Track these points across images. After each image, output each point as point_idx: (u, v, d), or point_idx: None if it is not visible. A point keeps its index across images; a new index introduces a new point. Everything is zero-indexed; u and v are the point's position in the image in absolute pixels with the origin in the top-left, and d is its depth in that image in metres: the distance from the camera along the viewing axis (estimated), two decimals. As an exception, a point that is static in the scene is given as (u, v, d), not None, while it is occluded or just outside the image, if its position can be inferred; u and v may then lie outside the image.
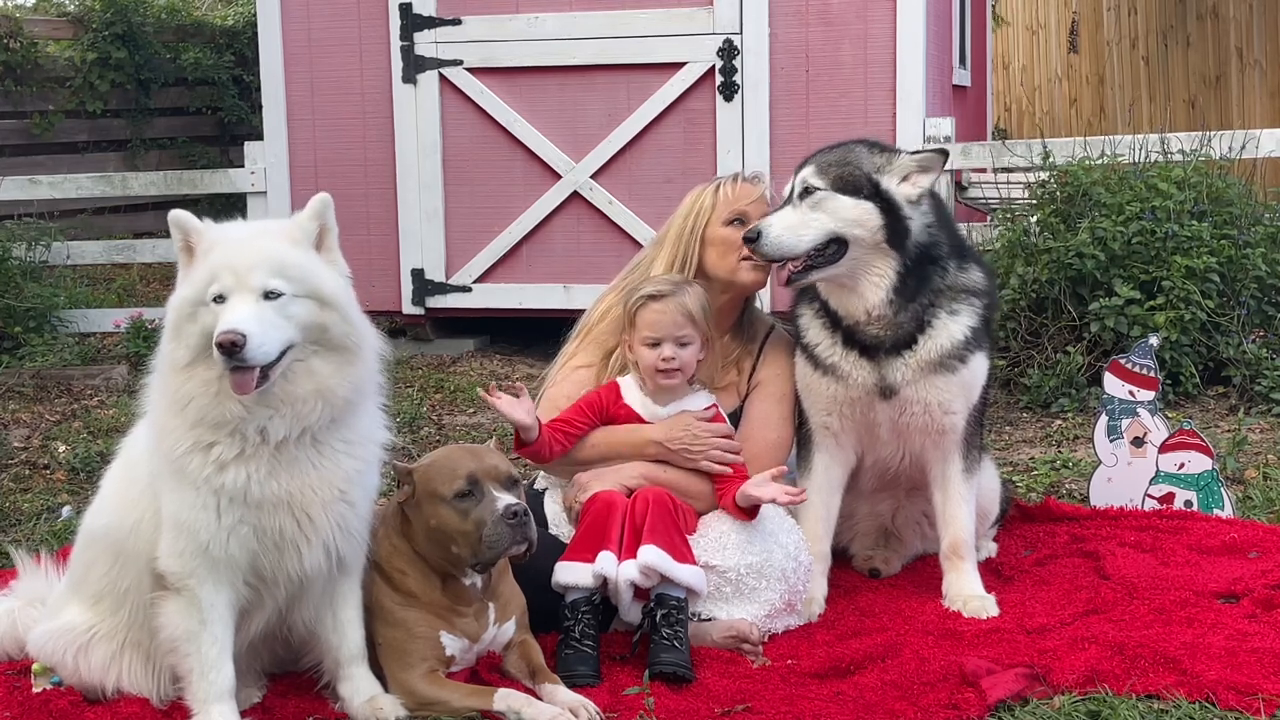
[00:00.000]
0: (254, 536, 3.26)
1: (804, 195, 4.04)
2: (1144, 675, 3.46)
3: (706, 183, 4.36)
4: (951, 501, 4.21)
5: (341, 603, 3.48)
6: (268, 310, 3.14)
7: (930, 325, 4.08)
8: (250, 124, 12.54)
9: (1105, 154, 7.23)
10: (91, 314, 8.75)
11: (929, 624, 3.96)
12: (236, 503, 3.23)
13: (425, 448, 6.31)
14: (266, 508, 3.25)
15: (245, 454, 3.22)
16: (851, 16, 7.89)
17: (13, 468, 6.01)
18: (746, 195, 4.27)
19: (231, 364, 3.09)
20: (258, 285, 3.15)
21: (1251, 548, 4.44)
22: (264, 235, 3.28)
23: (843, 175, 4.04)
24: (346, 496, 3.35)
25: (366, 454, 3.43)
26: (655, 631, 3.68)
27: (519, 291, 8.37)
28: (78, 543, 3.69)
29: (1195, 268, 6.56)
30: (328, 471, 3.31)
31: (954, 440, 4.19)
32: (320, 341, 3.24)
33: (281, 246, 3.24)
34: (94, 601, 3.55)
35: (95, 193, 9.27)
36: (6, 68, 11.74)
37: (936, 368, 4.09)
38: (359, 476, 3.40)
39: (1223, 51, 14.07)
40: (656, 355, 4.00)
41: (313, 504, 3.29)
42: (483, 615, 3.61)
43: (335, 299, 3.26)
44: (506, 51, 8.25)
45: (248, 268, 3.15)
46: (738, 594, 3.88)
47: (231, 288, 3.15)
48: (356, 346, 3.31)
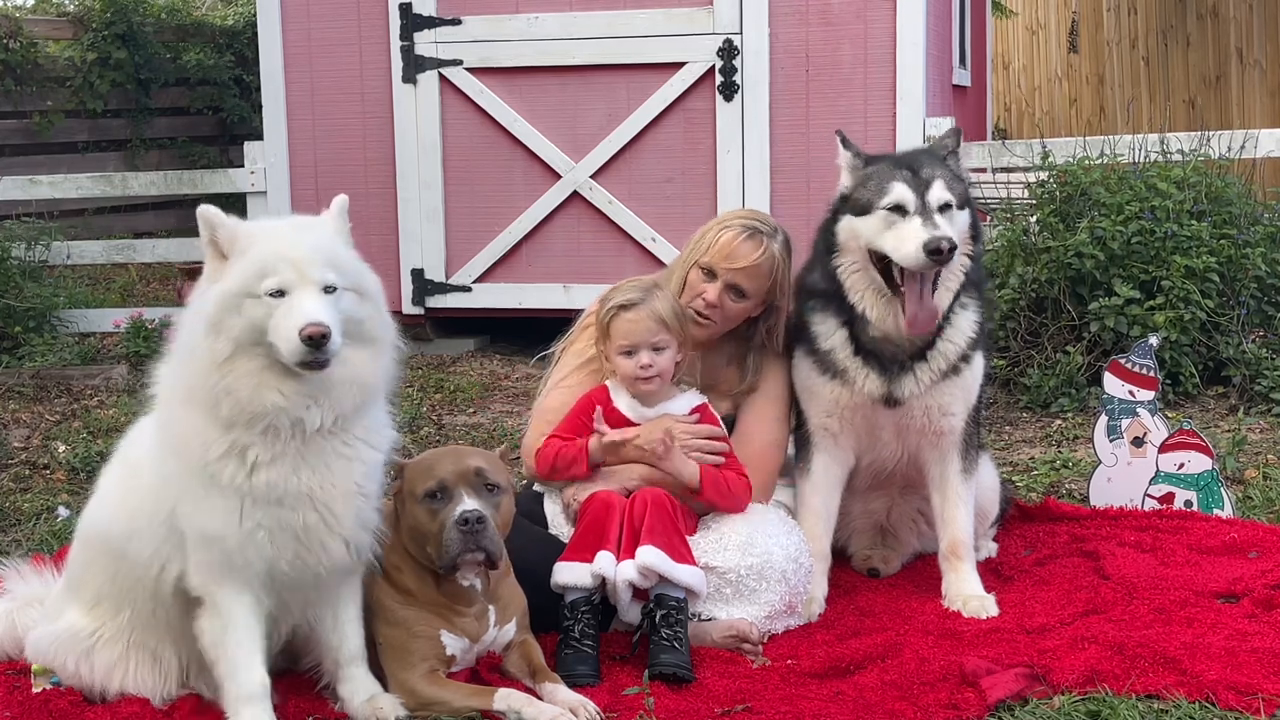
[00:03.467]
0: (278, 534, 3.25)
1: (943, 210, 3.98)
2: (1144, 675, 3.46)
3: (727, 220, 4.25)
4: (950, 502, 4.22)
5: (342, 603, 3.48)
6: (330, 303, 3.17)
7: (947, 322, 4.09)
8: (250, 124, 12.54)
9: (1105, 154, 7.23)
10: (91, 314, 8.75)
11: (929, 624, 3.96)
12: (261, 503, 3.22)
13: (425, 447, 6.31)
14: (289, 503, 3.24)
15: (276, 453, 3.22)
16: (851, 16, 7.89)
17: (12, 468, 6.01)
18: (739, 258, 4.13)
19: (317, 357, 3.11)
20: (319, 279, 3.17)
21: (1251, 548, 4.44)
22: (313, 230, 3.32)
23: (960, 191, 4.04)
24: (363, 490, 3.36)
25: (381, 447, 3.43)
26: (655, 632, 3.68)
27: (519, 291, 8.37)
28: (75, 544, 3.69)
29: (1195, 267, 6.56)
30: (348, 465, 3.32)
31: (952, 441, 4.21)
32: (355, 334, 3.26)
33: (334, 241, 3.30)
34: (93, 604, 3.54)
35: (95, 193, 9.27)
36: (6, 67, 11.75)
37: (945, 374, 4.11)
38: (374, 470, 3.41)
39: (1222, 51, 14.07)
40: (634, 364, 4.01)
41: (335, 498, 3.30)
42: (483, 617, 3.61)
43: (375, 293, 3.34)
44: (506, 51, 8.25)
45: (308, 262, 3.17)
46: (738, 595, 3.88)
47: (294, 282, 3.16)
48: (385, 338, 3.35)
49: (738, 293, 4.15)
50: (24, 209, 9.42)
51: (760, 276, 4.14)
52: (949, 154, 4.13)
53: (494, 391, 7.55)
